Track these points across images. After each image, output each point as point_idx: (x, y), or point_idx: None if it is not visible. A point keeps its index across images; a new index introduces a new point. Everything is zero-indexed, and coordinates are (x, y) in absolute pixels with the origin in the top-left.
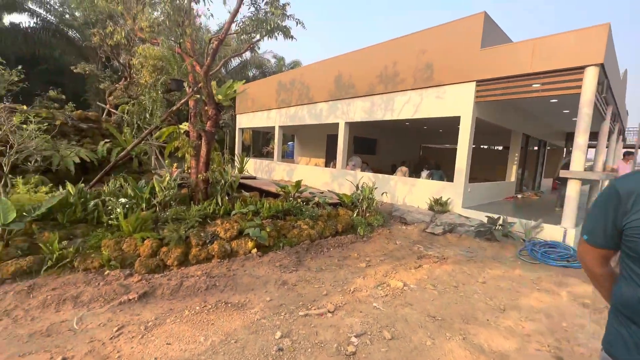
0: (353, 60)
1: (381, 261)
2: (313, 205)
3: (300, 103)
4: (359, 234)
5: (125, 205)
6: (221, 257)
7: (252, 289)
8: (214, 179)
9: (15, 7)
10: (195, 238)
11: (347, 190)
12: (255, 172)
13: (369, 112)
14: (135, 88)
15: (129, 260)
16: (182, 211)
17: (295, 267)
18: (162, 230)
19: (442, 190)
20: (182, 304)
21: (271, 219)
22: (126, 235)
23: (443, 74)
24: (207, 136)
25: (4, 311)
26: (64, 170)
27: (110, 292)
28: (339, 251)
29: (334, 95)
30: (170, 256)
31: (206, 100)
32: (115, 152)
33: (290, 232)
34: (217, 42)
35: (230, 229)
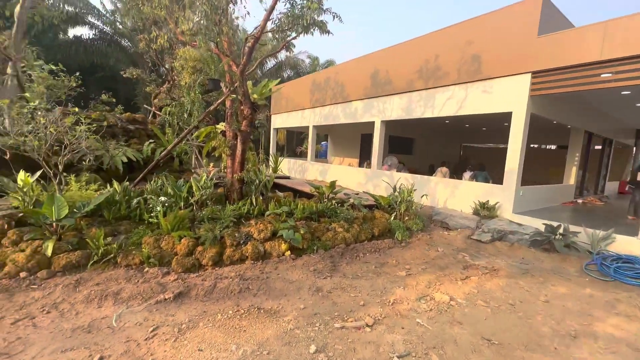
0: (390, 55)
1: (422, 270)
2: (348, 207)
3: (334, 102)
4: (397, 238)
5: (165, 204)
6: (254, 258)
7: (285, 294)
8: (249, 179)
9: (78, 21)
10: (230, 238)
11: (383, 191)
12: (289, 172)
13: (406, 110)
14: (177, 90)
15: (167, 258)
16: (218, 210)
17: (329, 273)
18: (198, 229)
19: (490, 194)
20: (216, 307)
21: (305, 220)
22: (165, 233)
23: (492, 66)
24: (243, 135)
25: (52, 304)
26: (113, 169)
27: (148, 290)
28: (375, 257)
29: (370, 93)
30: (205, 256)
31: (242, 100)
32: (158, 151)
33: (324, 235)
34: (253, 40)
35: (264, 230)
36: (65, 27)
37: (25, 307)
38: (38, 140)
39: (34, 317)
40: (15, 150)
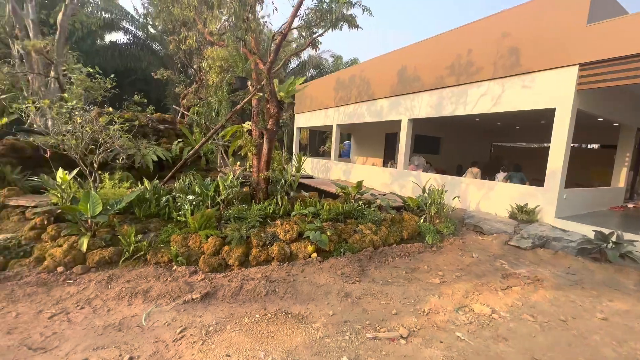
0: (419, 51)
1: (457, 277)
2: (375, 209)
3: (359, 100)
4: (427, 242)
5: (192, 202)
6: (281, 259)
7: (312, 298)
8: (275, 178)
9: (113, 26)
10: (256, 238)
11: (410, 192)
12: (312, 172)
13: (436, 108)
14: (204, 91)
15: (194, 257)
16: (244, 210)
17: (358, 277)
18: (224, 228)
19: (528, 196)
20: (243, 310)
21: (331, 221)
22: (192, 232)
23: (532, 59)
24: (269, 134)
25: (86, 300)
26: (144, 168)
27: (176, 289)
28: (405, 261)
29: (396, 90)
30: (232, 256)
31: (268, 98)
32: (186, 150)
33: (351, 237)
34: (281, 37)
35: (290, 231)
36: (102, 33)
37: (61, 301)
38: (75, 139)
39: (69, 312)
40: (55, 149)
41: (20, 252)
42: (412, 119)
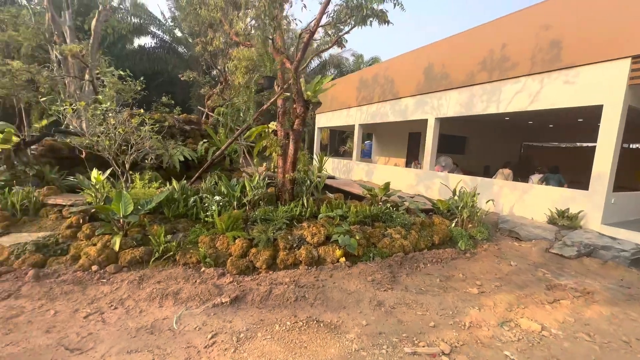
0: (447, 47)
1: (497, 288)
2: (403, 212)
3: (382, 99)
4: (460, 248)
5: (219, 203)
6: (308, 263)
7: (344, 306)
8: (300, 179)
9: (142, 31)
10: (283, 241)
11: (436, 194)
12: (333, 172)
13: (466, 106)
14: (228, 92)
15: (222, 258)
16: (270, 211)
17: (389, 284)
18: (251, 230)
19: (570, 200)
20: (273, 316)
21: (359, 224)
22: (219, 233)
23: (576, 53)
24: (295, 135)
25: (119, 300)
26: (172, 168)
27: (205, 292)
28: (438, 268)
29: (422, 88)
30: (259, 258)
31: (295, 98)
32: (211, 151)
33: (380, 242)
34: (309, 34)
35: (317, 234)
36: (132, 37)
37: (95, 301)
38: (108, 140)
39: (103, 312)
40: (90, 150)
41: (58, 250)
42: (439, 118)
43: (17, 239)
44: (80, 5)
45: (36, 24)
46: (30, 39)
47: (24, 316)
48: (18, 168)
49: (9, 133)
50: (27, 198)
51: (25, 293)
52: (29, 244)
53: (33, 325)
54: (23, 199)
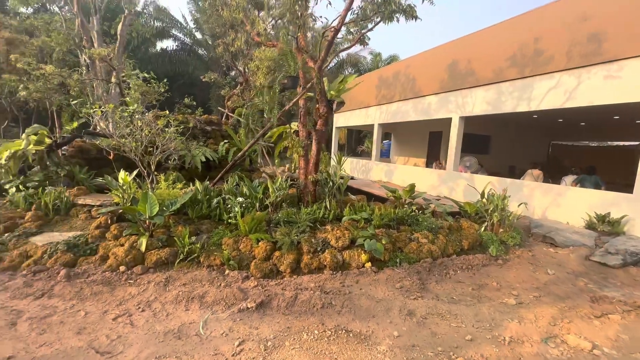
0: (473, 43)
1: (536, 299)
2: (429, 215)
3: (403, 98)
4: (491, 254)
5: (242, 205)
6: (333, 268)
7: (373, 315)
8: (323, 181)
9: (164, 34)
10: (307, 244)
11: (460, 196)
12: (351, 172)
13: (493, 104)
14: (248, 93)
15: (245, 261)
16: (293, 214)
17: (419, 292)
18: (274, 232)
19: (611, 204)
20: (300, 323)
21: (384, 228)
22: (243, 235)
23: (619, 45)
24: (318, 135)
25: (146, 302)
26: (194, 168)
27: (230, 296)
28: (469, 276)
29: (446, 86)
30: (283, 262)
31: (318, 98)
32: (232, 151)
33: (407, 246)
34: (333, 32)
35: (342, 238)
36: (155, 41)
37: (124, 302)
38: (135, 142)
39: (131, 314)
40: (117, 151)
41: (87, 249)
42: (463, 117)
43: (49, 238)
44: (106, 11)
45: (66, 29)
46: (61, 44)
47: (57, 316)
48: (50, 169)
49: (42, 135)
50: (59, 198)
51: (57, 292)
52: (61, 243)
53: (65, 326)
54: (55, 199)
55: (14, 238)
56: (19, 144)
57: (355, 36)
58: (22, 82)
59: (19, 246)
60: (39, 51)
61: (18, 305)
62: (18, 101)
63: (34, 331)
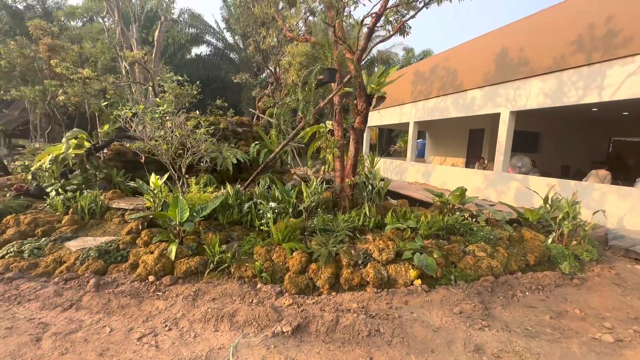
0: (527, 28)
1: (639, 334)
2: (483, 223)
3: (442, 93)
4: (563, 271)
5: (275, 210)
6: (377, 285)
7: (431, 349)
8: (361, 184)
9: (198, 41)
10: (346, 257)
11: (510, 200)
12: (384, 173)
13: (552, 96)
14: (278, 93)
15: (279, 273)
16: (330, 220)
17: (484, 320)
18: (309, 241)
19: None
20: (343, 355)
21: (432, 238)
22: (275, 243)
23: None
24: (356, 134)
25: (174, 319)
26: (225, 170)
27: (263, 316)
28: (541, 299)
29: (493, 78)
30: (320, 276)
31: (356, 92)
32: (263, 153)
33: (462, 261)
34: (375, 18)
35: (386, 249)
36: (189, 47)
37: (150, 318)
38: (166, 144)
39: (157, 333)
40: (148, 154)
41: (118, 256)
42: (514, 112)
43: (83, 244)
44: (145, 20)
45: (109, 38)
46: (105, 53)
47: (82, 332)
48: (89, 172)
49: (81, 139)
50: (94, 202)
51: (85, 304)
52: (93, 250)
53: (88, 345)
54: (91, 203)
55: (50, 243)
56: (60, 148)
57: (395, 25)
58: (61, 87)
59: (54, 251)
60: (79, 56)
61: (46, 317)
62: (59, 106)
63: (56, 350)
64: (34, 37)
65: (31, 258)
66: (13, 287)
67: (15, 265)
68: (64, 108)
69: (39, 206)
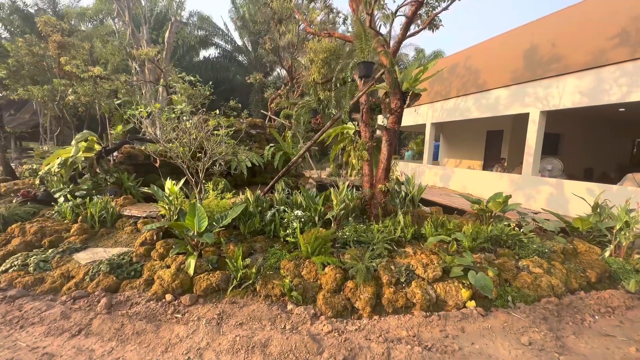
0: (560, 22)
1: None
2: (532, 234)
3: (463, 93)
4: (628, 289)
5: (301, 219)
6: (425, 307)
7: None
8: (393, 190)
9: (207, 43)
10: (387, 273)
11: (541, 205)
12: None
13: (590, 94)
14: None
15: (310, 292)
16: (363, 231)
17: (560, 353)
18: (342, 254)
19: None
20: None
21: (478, 251)
22: (304, 256)
23: None
24: (389, 135)
25: (197, 349)
26: (239, 174)
27: (300, 346)
28: (615, 324)
29: (521, 76)
30: (360, 297)
31: (390, 90)
32: (278, 155)
33: (517, 278)
34: (415, 5)
35: (430, 265)
36: (198, 49)
37: (170, 349)
38: (182, 147)
39: None
40: (164, 158)
41: (132, 271)
42: (545, 111)
43: (93, 256)
44: (155, 22)
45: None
46: (115, 55)
47: None
48: (100, 176)
49: (91, 141)
50: (105, 209)
51: (95, 329)
52: (104, 263)
53: None
54: (101, 210)
55: (57, 255)
56: (69, 151)
57: (425, 19)
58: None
59: (61, 264)
60: (89, 54)
61: (51, 345)
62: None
63: None
64: (43, 34)
65: (37, 272)
66: (16, 307)
67: (20, 280)
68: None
69: (47, 213)
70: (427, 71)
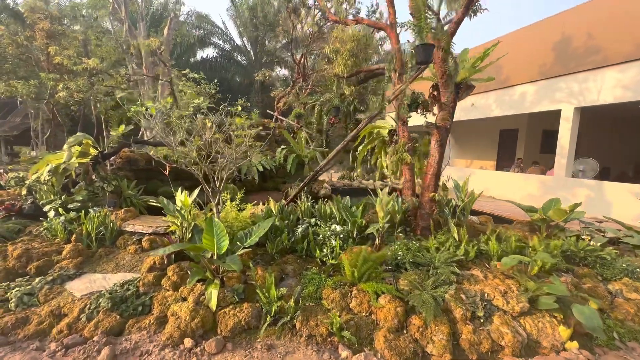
0: (598, 11)
1: None
2: (610, 249)
3: (484, 90)
4: None
5: (340, 235)
6: (517, 352)
7: None
8: (442, 199)
9: (205, 42)
10: (460, 305)
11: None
12: None
13: (635, 88)
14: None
15: (364, 330)
16: (417, 249)
17: None
18: (396, 279)
19: None
20: None
21: (554, 272)
22: (348, 282)
23: None
24: (441, 135)
25: None
26: (250, 179)
27: None
28: None
29: (551, 71)
30: (432, 338)
31: (441, 81)
32: (291, 158)
33: (616, 309)
34: None
35: (510, 293)
36: (196, 49)
37: None
38: (198, 151)
39: None
40: (175, 164)
41: (139, 305)
42: (580, 108)
43: (90, 285)
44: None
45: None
46: (111, 54)
47: None
48: (96, 184)
49: (86, 145)
50: (104, 224)
51: None
52: (104, 297)
53: None
54: (99, 226)
55: (46, 285)
56: (61, 157)
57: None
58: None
59: (51, 298)
60: (83, 45)
61: None
62: (59, 105)
63: None
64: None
65: (20, 309)
66: None
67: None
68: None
69: (34, 230)
70: (486, 58)
